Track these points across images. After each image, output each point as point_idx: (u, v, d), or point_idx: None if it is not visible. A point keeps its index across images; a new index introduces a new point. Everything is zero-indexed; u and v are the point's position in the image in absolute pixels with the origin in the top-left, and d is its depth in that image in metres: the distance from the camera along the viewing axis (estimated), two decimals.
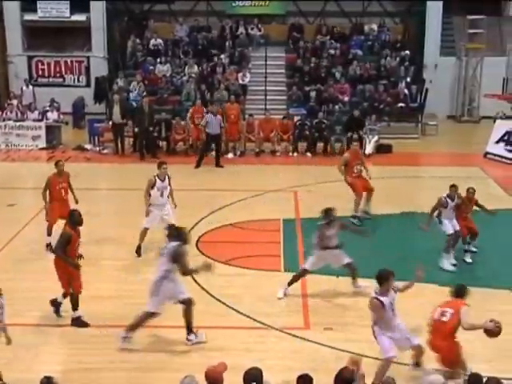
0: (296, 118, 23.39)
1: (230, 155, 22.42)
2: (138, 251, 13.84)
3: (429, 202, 16.41)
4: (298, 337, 10.62)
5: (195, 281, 12.58)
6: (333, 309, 11.64)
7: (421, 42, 28.53)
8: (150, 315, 10.10)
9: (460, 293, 9.25)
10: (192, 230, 15.02)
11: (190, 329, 10.19)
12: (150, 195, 13.64)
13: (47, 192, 13.86)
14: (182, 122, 22.64)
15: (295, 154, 22.72)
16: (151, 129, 22.16)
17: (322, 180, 19.38)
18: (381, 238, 14.92)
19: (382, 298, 8.93)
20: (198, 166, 20.98)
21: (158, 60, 26.89)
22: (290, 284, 11.93)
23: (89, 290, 11.07)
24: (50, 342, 10.48)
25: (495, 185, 19.49)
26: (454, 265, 13.38)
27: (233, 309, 11.37)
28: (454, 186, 13.55)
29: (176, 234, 10.25)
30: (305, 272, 11.96)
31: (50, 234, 13.75)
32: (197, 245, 14.34)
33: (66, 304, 10.95)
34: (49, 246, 13.55)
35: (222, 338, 10.31)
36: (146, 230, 13.86)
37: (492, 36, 29.35)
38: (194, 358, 9.78)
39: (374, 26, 28.52)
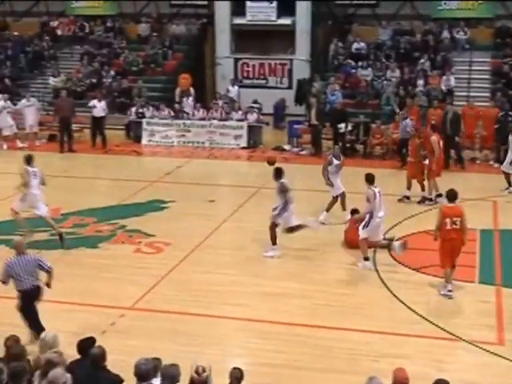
0: None
1: None
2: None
3: None
4: (488, 351, 10.17)
5: (385, 285, 12.50)
6: None
7: None
8: None
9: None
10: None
11: None
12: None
13: None
14: (382, 127, 22.54)
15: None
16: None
17: None
18: None
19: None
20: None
21: (360, 63, 26.93)
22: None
23: None
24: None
25: None
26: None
27: (423, 317, 11.18)
28: None
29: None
30: None
31: None
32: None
33: None
34: None
35: (407, 346, 10.20)
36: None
37: None
38: (382, 363, 9.70)
39: None
